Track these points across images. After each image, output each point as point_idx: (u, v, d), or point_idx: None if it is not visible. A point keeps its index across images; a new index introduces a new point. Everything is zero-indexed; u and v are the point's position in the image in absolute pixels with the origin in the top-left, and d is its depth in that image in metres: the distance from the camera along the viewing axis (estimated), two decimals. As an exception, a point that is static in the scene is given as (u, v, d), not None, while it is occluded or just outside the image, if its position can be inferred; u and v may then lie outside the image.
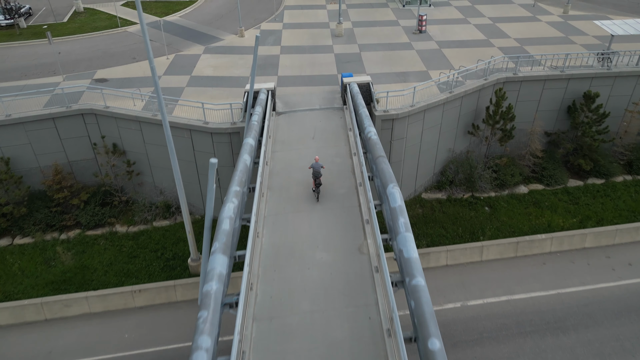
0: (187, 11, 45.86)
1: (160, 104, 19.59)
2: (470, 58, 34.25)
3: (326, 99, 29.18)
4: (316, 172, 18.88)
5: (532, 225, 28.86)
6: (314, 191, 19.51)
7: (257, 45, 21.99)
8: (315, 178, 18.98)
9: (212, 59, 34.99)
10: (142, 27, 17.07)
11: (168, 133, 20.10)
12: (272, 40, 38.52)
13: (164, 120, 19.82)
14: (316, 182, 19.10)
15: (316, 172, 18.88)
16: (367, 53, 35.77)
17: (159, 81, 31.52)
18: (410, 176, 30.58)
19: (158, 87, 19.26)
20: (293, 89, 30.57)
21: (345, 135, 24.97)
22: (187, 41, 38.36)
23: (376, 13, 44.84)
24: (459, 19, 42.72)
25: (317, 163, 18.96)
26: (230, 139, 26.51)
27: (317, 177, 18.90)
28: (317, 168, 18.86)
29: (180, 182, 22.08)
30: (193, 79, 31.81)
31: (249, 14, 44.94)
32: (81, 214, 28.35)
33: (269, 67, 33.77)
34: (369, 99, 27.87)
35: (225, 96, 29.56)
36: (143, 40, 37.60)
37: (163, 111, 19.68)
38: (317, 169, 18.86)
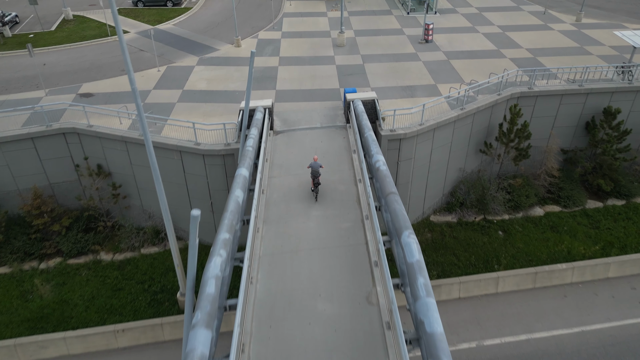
0: (182, 19, 43.81)
1: (142, 125, 17.44)
2: (480, 70, 32.17)
3: (328, 116, 27.06)
4: (315, 172, 18.88)
5: (550, 253, 26.70)
6: (312, 191, 19.51)
7: (252, 62, 19.87)
8: (314, 178, 18.99)
9: (206, 71, 32.89)
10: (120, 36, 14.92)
11: (151, 155, 17.94)
12: (270, 51, 36.45)
13: (146, 142, 17.67)
14: (315, 182, 19.11)
15: (315, 171, 18.86)
16: (371, 65, 33.68)
17: (148, 95, 29.74)
18: (419, 198, 28.45)
19: (140, 109, 17.11)
20: (292, 104, 28.46)
21: (349, 157, 22.85)
22: (180, 51, 36.28)
23: (379, 21, 42.81)
24: (467, 27, 40.68)
25: (316, 162, 18.90)
26: (223, 161, 24.37)
27: (316, 176, 18.91)
28: (316, 167, 18.82)
29: (167, 210, 19.95)
30: (185, 94, 29.68)
31: (246, 22, 42.90)
32: (62, 241, 26.17)
33: (266, 80, 31.67)
34: (374, 117, 25.76)
35: (220, 113, 27.45)
36: (134, 51, 35.70)
37: (146, 131, 17.52)
38: (316, 168, 18.82)
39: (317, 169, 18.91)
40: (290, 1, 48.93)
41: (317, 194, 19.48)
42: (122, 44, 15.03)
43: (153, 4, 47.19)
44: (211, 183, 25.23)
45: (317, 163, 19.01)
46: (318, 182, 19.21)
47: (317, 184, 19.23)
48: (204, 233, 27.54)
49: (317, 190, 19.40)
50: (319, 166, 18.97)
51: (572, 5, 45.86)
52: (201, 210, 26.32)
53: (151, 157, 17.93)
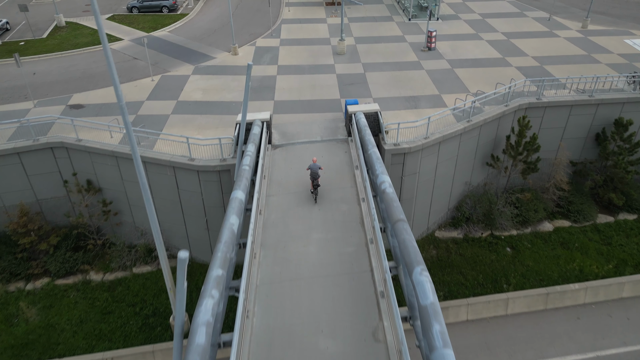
0: (177, 26, 42.69)
1: (131, 143, 16.26)
2: (486, 79, 31.07)
3: (328, 128, 25.90)
4: (314, 174, 19.01)
5: (561, 271, 25.53)
6: (312, 192, 19.55)
7: (249, 76, 18.75)
8: (313, 179, 19.09)
9: (201, 81, 31.73)
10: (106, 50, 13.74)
11: (140, 172, 16.75)
12: (269, 59, 35.32)
13: (135, 159, 16.48)
14: (314, 184, 19.18)
15: (314, 173, 19.00)
16: (373, 74, 32.57)
17: (140, 107, 28.44)
18: (423, 213, 27.29)
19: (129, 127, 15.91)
20: (291, 116, 27.30)
21: (351, 174, 21.69)
22: (175, 60, 35.13)
23: (380, 27, 41.75)
24: (470, 34, 39.62)
25: (315, 164, 19.07)
26: (219, 177, 23.18)
27: (315, 178, 19.05)
28: (315, 169, 18.98)
29: (158, 231, 18.70)
30: (180, 105, 28.50)
31: (244, 29, 41.79)
32: (50, 260, 24.94)
33: (264, 90, 30.52)
34: (376, 130, 24.64)
35: (215, 125, 26.27)
36: (128, 59, 34.54)
37: (134, 149, 16.32)
38: (315, 169, 18.98)
39: (316, 170, 19.00)
40: (289, 7, 47.89)
41: (316, 195, 19.48)
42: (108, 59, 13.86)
43: (148, 10, 46.09)
44: (206, 200, 24.04)
45: (317, 165, 19.10)
46: (317, 183, 19.22)
47: (317, 185, 19.26)
48: (198, 251, 26.36)
49: (316, 192, 19.42)
50: (318, 168, 19.06)
51: (577, 12, 44.87)
52: (196, 227, 25.10)
53: (140, 175, 16.77)
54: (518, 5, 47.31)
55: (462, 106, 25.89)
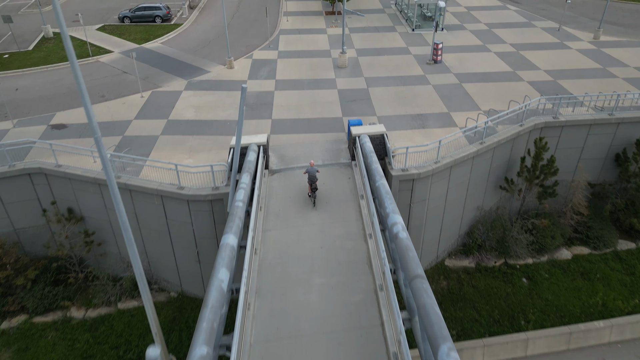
0: (170, 37, 40.80)
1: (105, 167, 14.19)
2: (497, 95, 29.21)
3: (330, 150, 23.97)
4: (312, 177, 18.95)
5: (583, 306, 23.55)
6: (310, 196, 19.44)
7: (244, 99, 16.79)
8: (311, 183, 19.02)
9: (194, 97, 29.78)
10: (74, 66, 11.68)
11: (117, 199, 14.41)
12: (266, 73, 33.42)
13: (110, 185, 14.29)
14: (312, 187, 19.08)
15: (312, 176, 18.93)
16: (376, 89, 30.67)
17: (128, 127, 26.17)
18: (433, 241, 25.33)
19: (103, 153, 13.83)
20: (290, 137, 25.37)
21: (356, 204, 19.74)
22: (167, 74, 33.20)
23: (383, 38, 39.93)
24: (478, 45, 37.82)
25: (313, 167, 19.07)
26: (211, 206, 21.19)
27: (313, 181, 18.97)
28: (313, 172, 18.94)
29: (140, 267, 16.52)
30: (170, 125, 26.53)
31: (240, 40, 39.93)
32: (27, 296, 22.88)
33: (261, 107, 28.58)
34: (382, 153, 22.73)
35: (208, 147, 24.30)
36: (117, 73, 32.58)
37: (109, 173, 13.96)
38: (313, 173, 18.92)
39: (314, 174, 18.96)
40: (287, 17, 46.09)
41: (314, 199, 19.38)
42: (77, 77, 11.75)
43: (140, 20, 44.21)
44: (197, 230, 22.04)
45: (314, 168, 19.08)
46: (315, 187, 19.16)
47: (315, 189, 19.17)
48: (189, 284, 24.35)
49: (314, 195, 19.32)
50: (315, 171, 19.03)
51: (587, 22, 43.16)
52: (186, 259, 23.03)
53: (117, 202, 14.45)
54: (525, 14, 45.59)
55: (473, 125, 23.94)
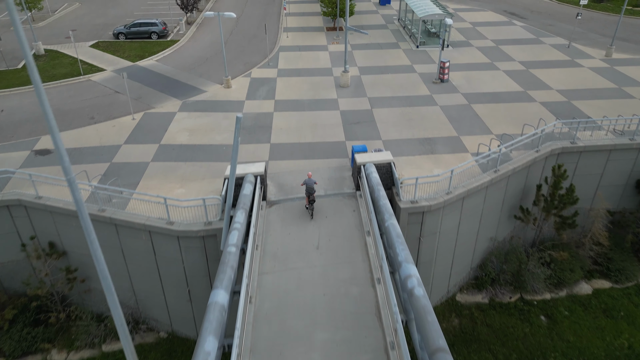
0: (166, 54, 39.39)
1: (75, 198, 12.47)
2: (509, 117, 27.62)
3: (333, 179, 22.28)
4: (309, 189, 18.69)
5: (608, 349, 21.68)
6: (307, 208, 19.31)
7: (238, 131, 15.17)
8: (309, 195, 18.78)
9: (189, 119, 28.19)
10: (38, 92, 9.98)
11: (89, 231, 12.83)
12: (265, 93, 31.89)
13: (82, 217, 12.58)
14: (310, 199, 18.88)
15: (309, 188, 18.68)
16: (381, 110, 29.11)
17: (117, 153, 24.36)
18: (443, 275, 23.54)
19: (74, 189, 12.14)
20: (290, 163, 23.71)
21: (362, 241, 18.04)
22: (160, 94, 31.67)
23: (386, 55, 38.51)
24: (485, 63, 36.37)
25: (310, 179, 18.80)
26: (203, 243, 19.45)
27: (311, 193, 18.74)
28: (310, 184, 18.67)
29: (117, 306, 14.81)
30: (162, 150, 24.88)
31: (238, 58, 38.51)
32: (4, 338, 21.05)
33: (259, 130, 26.97)
34: (389, 183, 21.05)
35: (201, 176, 22.63)
36: (109, 93, 30.99)
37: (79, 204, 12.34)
38: (311, 185, 18.67)
39: (311, 185, 18.67)
40: (287, 33, 44.77)
41: (312, 211, 19.14)
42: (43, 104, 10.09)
43: (136, 36, 42.87)
44: (188, 268, 20.27)
45: (312, 180, 18.77)
46: (313, 199, 18.86)
47: (312, 201, 18.86)
48: (180, 324, 22.51)
49: (312, 207, 19.08)
50: (313, 183, 18.75)
51: (597, 38, 41.80)
52: (177, 298, 21.17)
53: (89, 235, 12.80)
54: (532, 30, 44.26)
55: (486, 150, 22.27)
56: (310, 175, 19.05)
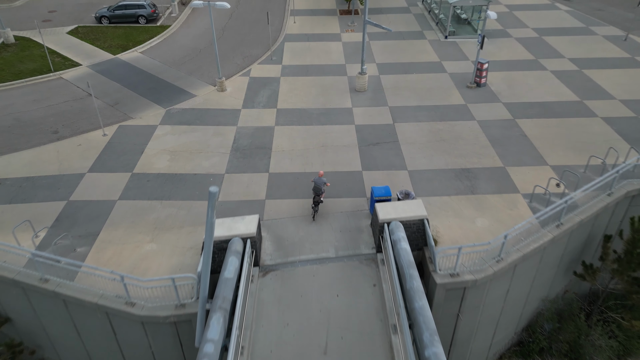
0: (153, 43, 34.00)
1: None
2: (566, 140, 22.24)
3: (346, 231, 17.37)
4: (317, 189, 17.30)
5: None
6: (312, 207, 17.74)
7: (213, 207, 10.27)
8: (315, 195, 17.41)
9: (171, 136, 23.19)
10: None
11: None
12: (266, 98, 26.64)
13: None
14: (315, 199, 17.46)
15: (317, 188, 17.29)
16: (405, 125, 23.84)
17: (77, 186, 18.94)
18: (482, 348, 18.88)
19: None
20: (292, 204, 18.77)
21: (386, 341, 13.31)
22: (141, 99, 26.58)
23: (410, 48, 32.79)
24: (528, 61, 30.57)
25: (321, 179, 17.36)
26: (176, 329, 14.82)
27: (318, 193, 17.37)
28: (320, 184, 17.28)
29: None
30: (134, 181, 20.03)
31: (236, 49, 33.05)
32: None
33: (257, 152, 21.92)
34: (420, 242, 16.14)
35: (180, 223, 17.83)
36: (81, 96, 25.92)
37: None
38: (319, 185, 17.28)
39: (320, 185, 17.29)
40: (295, 17, 38.95)
41: (315, 212, 17.74)
42: None
43: (121, 20, 37.39)
44: (159, 354, 15.73)
45: (322, 179, 17.39)
46: (319, 200, 17.49)
47: (318, 202, 17.50)
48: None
49: (316, 209, 17.66)
50: (323, 183, 17.32)
51: (658, 27, 35.49)
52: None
53: None
54: (579, 17, 37.94)
55: (552, 209, 17.07)
56: (322, 174, 17.66)
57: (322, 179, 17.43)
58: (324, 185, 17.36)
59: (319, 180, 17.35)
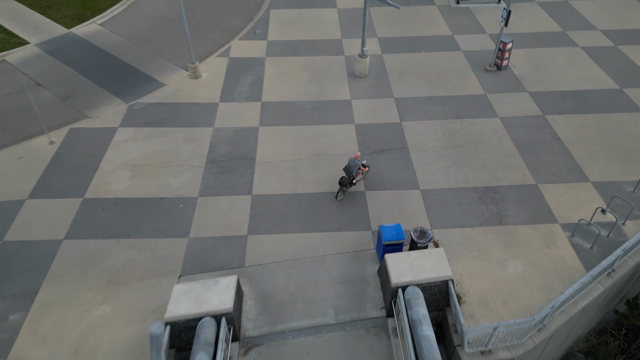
0: (115, 12, 28.90)
1: None
2: (608, 145, 18.63)
3: (348, 282, 14.04)
4: (347, 170, 15.92)
5: None
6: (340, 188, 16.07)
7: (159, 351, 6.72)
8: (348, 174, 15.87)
9: (133, 143, 19.19)
10: None
11: None
12: (248, 87, 22.40)
13: None
14: (341, 180, 15.75)
15: (348, 169, 15.91)
16: (415, 125, 19.96)
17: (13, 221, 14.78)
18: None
19: None
20: (280, 240, 15.28)
21: None
22: (99, 90, 22.24)
23: (416, 18, 28.12)
24: (555, 33, 26.21)
25: (356, 161, 15.86)
26: None
27: (348, 175, 15.84)
28: (352, 167, 15.84)
29: None
30: (85, 211, 16.29)
31: (214, 20, 28.17)
32: None
33: (237, 166, 18.10)
34: (442, 304, 12.91)
35: (142, 271, 14.34)
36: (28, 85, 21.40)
37: None
38: (352, 167, 15.84)
39: (352, 168, 15.90)
40: (282, -25, 33.51)
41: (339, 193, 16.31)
42: None
43: (78, -18, 31.84)
44: None
45: (357, 162, 15.89)
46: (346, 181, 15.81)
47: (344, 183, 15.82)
48: None
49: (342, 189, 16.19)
50: (356, 167, 15.88)
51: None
52: None
53: None
54: (609, -26, 32.98)
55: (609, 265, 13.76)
56: (359, 156, 16.10)
57: (357, 161, 15.90)
58: (357, 169, 15.93)
59: (353, 162, 15.94)
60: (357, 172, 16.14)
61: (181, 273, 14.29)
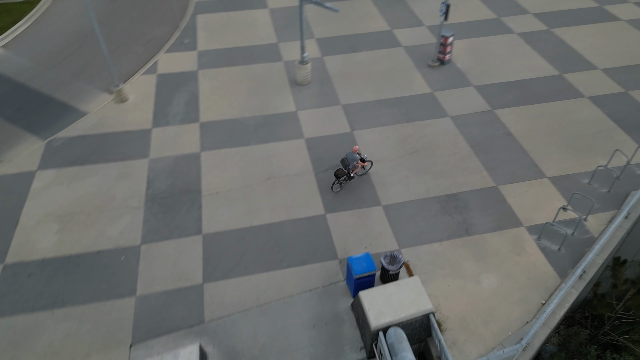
0: (19, 30, 25.56)
1: None
2: (557, 136, 18.62)
3: (322, 324, 12.98)
4: (344, 162, 15.73)
5: None
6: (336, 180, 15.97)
7: None
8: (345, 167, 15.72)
9: (58, 189, 16.86)
10: None
11: None
12: (183, 107, 20.46)
13: None
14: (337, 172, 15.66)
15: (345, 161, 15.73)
16: (367, 134, 19.02)
17: None
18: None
19: None
20: (241, 284, 13.90)
21: None
22: (8, 126, 19.45)
23: (352, 13, 27.06)
24: (490, 21, 26.09)
25: (354, 154, 15.58)
26: None
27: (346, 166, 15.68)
28: (350, 160, 15.62)
29: None
30: (7, 281, 14.00)
31: (134, 31, 25.61)
32: None
33: (180, 202, 16.36)
34: (424, 335, 12.17)
35: (85, 347, 12.49)
36: None
37: None
38: (349, 160, 15.62)
39: (350, 162, 15.64)
40: (204, -25, 31.17)
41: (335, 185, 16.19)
42: None
43: (-31, -3, 27.98)
44: None
45: (355, 156, 15.56)
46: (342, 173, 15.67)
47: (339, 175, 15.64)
48: None
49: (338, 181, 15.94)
50: (354, 160, 15.57)
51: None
52: None
53: None
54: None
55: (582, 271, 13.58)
56: (357, 149, 15.82)
57: (355, 155, 15.59)
58: (354, 163, 15.58)
59: (351, 156, 15.62)
60: (354, 166, 15.82)
61: (132, 341, 12.59)
